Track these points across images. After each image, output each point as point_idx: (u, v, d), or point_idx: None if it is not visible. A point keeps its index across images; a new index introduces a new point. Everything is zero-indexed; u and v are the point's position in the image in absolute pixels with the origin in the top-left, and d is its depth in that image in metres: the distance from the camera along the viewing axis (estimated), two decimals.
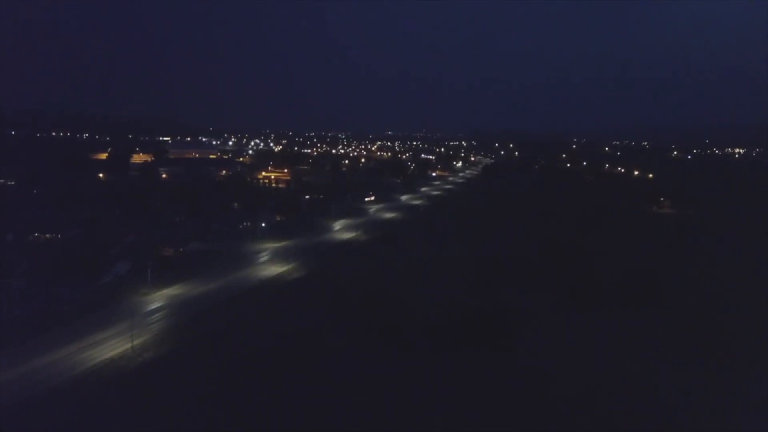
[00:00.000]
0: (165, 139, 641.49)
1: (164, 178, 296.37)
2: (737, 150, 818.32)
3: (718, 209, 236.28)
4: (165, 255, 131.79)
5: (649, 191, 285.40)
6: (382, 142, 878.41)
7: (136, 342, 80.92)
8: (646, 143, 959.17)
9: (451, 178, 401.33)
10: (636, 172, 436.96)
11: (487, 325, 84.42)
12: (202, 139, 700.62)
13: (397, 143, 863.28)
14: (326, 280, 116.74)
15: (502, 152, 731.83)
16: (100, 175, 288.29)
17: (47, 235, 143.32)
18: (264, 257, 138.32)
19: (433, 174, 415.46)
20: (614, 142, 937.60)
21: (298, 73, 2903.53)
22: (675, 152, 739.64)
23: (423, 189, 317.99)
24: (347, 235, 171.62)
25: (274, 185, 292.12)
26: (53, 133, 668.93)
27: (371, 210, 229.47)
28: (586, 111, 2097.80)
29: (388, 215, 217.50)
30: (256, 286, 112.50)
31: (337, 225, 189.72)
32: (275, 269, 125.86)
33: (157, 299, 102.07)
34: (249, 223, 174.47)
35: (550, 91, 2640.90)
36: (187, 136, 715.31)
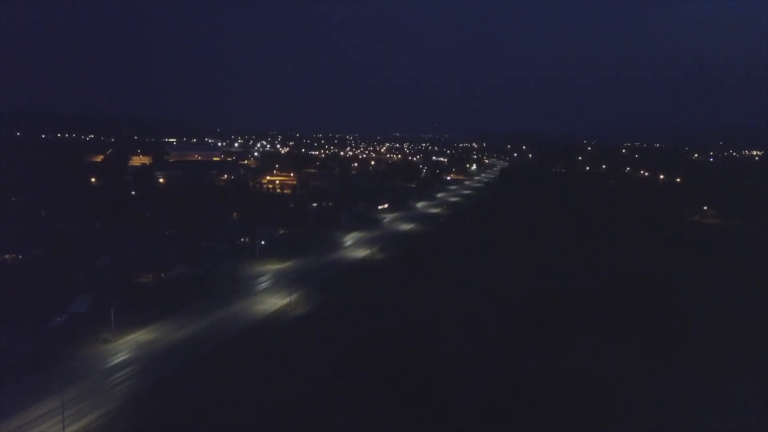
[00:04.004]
0: (170, 140, 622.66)
1: (161, 182, 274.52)
2: (755, 152, 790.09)
3: None
4: (142, 282, 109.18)
5: (687, 198, 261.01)
6: (390, 143, 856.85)
7: (74, 428, 58.02)
8: (658, 144, 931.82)
9: (467, 182, 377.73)
10: (661, 176, 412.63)
11: (561, 397, 61.15)
12: (208, 141, 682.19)
13: (405, 145, 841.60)
14: (338, 320, 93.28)
15: (515, 154, 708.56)
16: (93, 179, 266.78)
17: (6, 256, 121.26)
18: (262, 284, 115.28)
19: (448, 178, 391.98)
20: (626, 144, 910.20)
21: (306, 75, 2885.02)
22: (696, 155, 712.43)
23: (439, 195, 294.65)
24: (361, 253, 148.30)
25: (279, 190, 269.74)
26: (58, 135, 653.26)
27: (385, 220, 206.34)
28: (594, 112, 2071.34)
29: (405, 226, 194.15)
30: (249, 328, 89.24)
31: (349, 239, 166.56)
32: (275, 302, 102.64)
33: (121, 349, 79.23)
34: (248, 239, 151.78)
35: (558, 93, 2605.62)
36: (194, 138, 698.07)
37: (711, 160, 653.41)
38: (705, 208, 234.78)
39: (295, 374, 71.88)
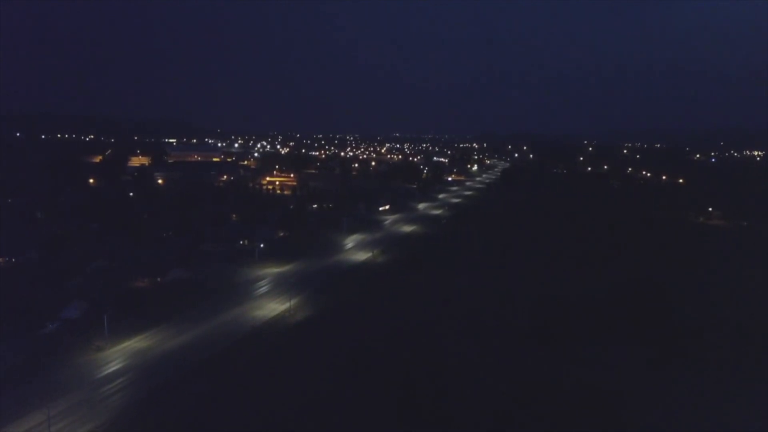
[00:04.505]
0: (170, 141, 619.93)
1: (160, 183, 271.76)
2: (756, 153, 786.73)
3: None
4: (138, 287, 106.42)
5: (690, 199, 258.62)
6: (390, 144, 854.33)
7: None
8: (659, 144, 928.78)
9: (468, 183, 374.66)
10: (663, 177, 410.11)
11: (564, 403, 58.50)
12: (207, 141, 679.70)
13: (406, 145, 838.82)
14: (339, 326, 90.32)
15: (516, 155, 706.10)
16: (91, 180, 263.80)
17: (0, 260, 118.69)
18: (261, 288, 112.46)
19: (449, 178, 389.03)
20: (626, 144, 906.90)
21: (306, 75, 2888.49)
22: (697, 155, 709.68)
23: (441, 196, 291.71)
24: (362, 256, 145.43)
25: (279, 191, 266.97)
26: (58, 135, 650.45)
27: (386, 221, 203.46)
28: (594, 112, 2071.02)
29: (407, 228, 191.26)
30: (248, 335, 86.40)
31: (349, 241, 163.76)
32: (274, 307, 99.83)
33: (114, 358, 76.42)
34: (247, 241, 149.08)
35: (558, 93, 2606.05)
36: (194, 138, 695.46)
37: (713, 160, 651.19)
38: (710, 209, 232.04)
39: (295, 384, 68.98)
